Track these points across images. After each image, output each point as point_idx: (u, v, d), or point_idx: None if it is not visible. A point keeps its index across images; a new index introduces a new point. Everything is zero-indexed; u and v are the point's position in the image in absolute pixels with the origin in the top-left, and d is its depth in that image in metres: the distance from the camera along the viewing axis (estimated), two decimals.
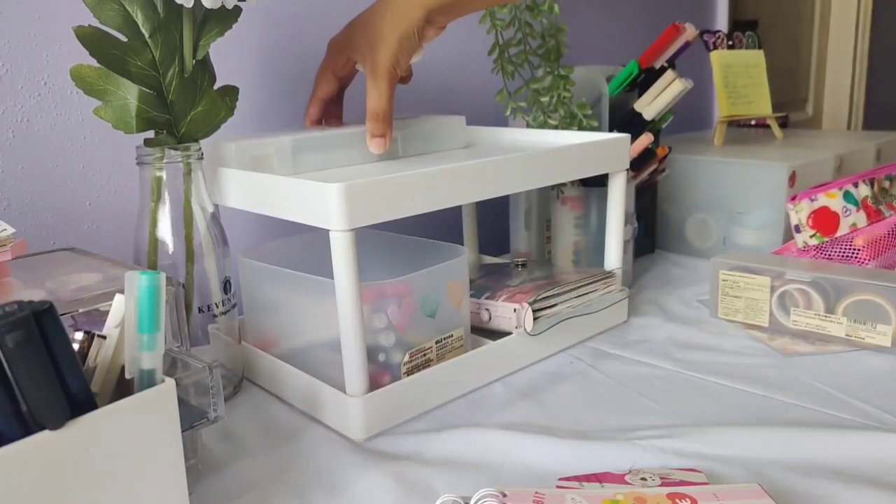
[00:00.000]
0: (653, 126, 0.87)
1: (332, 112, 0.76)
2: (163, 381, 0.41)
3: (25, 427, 0.34)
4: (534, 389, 0.64)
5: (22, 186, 0.69)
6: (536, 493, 0.41)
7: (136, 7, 0.55)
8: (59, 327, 0.34)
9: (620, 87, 0.88)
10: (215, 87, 0.61)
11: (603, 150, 0.73)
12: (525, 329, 0.67)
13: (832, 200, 0.83)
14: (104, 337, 0.41)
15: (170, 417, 0.41)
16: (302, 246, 0.70)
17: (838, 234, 0.82)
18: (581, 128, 0.84)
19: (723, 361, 0.68)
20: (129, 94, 0.56)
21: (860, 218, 0.83)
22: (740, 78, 1.21)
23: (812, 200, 0.83)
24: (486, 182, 0.62)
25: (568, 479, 0.48)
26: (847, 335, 0.70)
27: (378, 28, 0.65)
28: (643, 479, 0.47)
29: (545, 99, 0.84)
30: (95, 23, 0.55)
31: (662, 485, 0.46)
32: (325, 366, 0.60)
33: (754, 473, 0.49)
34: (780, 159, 0.99)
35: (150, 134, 0.59)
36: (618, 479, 0.48)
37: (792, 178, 0.96)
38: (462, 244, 0.76)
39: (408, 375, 0.60)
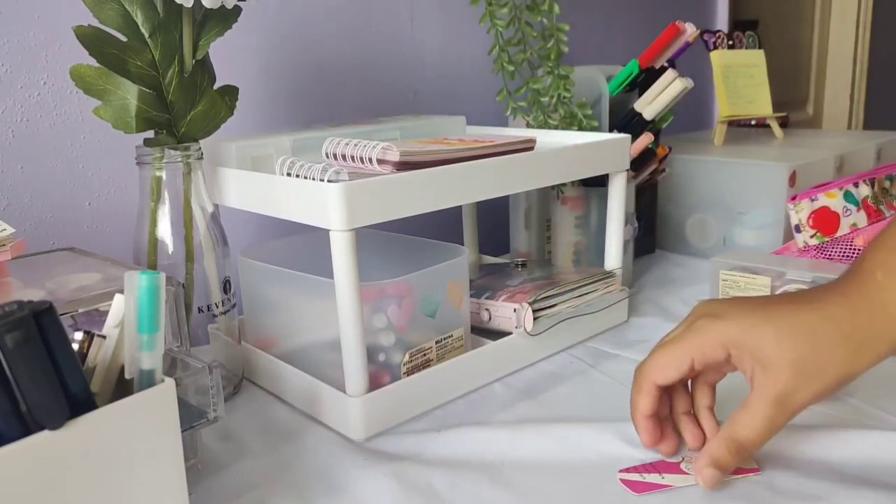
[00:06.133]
0: (653, 126, 0.87)
1: (668, 428, 0.52)
2: (163, 381, 0.41)
3: (25, 427, 0.34)
4: (534, 389, 0.64)
5: (22, 186, 0.69)
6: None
7: (135, 7, 0.55)
8: (58, 327, 0.34)
9: (620, 87, 0.88)
10: (215, 87, 0.61)
11: (603, 150, 0.73)
12: (525, 329, 0.66)
13: (832, 200, 0.83)
14: (104, 337, 0.41)
15: (170, 417, 0.41)
16: (302, 246, 0.70)
17: (839, 234, 0.82)
18: (581, 128, 0.84)
19: None
20: (129, 93, 0.56)
21: (861, 218, 0.83)
22: (740, 78, 1.21)
23: (812, 200, 0.83)
24: (486, 182, 0.62)
25: (628, 469, 0.50)
26: None
27: (822, 357, 0.45)
28: None
29: (545, 99, 0.84)
30: (95, 23, 0.55)
31: None
32: (325, 366, 0.60)
33: None
34: (780, 159, 0.99)
35: (150, 134, 0.59)
36: (674, 467, 0.50)
37: (792, 178, 0.96)
38: (462, 244, 0.76)
39: (408, 375, 0.60)
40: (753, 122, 1.36)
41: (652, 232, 1.07)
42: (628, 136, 0.76)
